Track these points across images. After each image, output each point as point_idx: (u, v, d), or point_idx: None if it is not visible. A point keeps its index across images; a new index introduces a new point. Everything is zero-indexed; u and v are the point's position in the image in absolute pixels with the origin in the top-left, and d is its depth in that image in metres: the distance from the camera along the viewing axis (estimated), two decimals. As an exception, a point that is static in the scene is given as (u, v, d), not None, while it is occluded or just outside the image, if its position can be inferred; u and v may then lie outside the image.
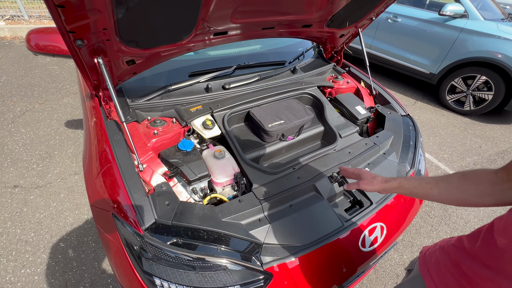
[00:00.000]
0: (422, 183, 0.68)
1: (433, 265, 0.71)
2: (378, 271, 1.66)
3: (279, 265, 0.87)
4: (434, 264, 0.71)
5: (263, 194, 1.01)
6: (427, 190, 0.67)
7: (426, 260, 0.75)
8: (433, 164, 2.62)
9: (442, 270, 0.67)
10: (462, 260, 0.62)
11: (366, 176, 0.82)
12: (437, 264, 0.70)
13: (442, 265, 0.68)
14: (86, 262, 1.59)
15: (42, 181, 2.08)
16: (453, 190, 0.62)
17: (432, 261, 0.72)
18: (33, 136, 2.55)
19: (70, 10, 0.68)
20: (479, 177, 0.59)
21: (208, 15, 0.95)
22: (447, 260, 0.67)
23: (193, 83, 1.36)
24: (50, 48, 1.46)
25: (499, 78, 3.03)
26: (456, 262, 0.63)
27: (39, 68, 3.86)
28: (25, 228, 1.75)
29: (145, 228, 0.83)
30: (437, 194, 0.65)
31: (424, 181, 0.69)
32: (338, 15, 1.34)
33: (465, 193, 0.61)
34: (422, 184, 0.68)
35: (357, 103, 1.57)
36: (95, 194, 0.98)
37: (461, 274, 0.61)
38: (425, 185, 0.67)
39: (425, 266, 0.74)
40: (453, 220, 2.03)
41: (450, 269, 0.65)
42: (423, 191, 0.68)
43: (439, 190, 0.65)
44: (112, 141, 1.02)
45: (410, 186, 0.71)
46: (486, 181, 0.58)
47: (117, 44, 0.90)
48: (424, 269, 0.73)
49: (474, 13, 3.19)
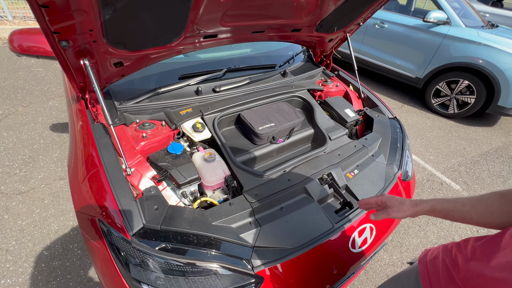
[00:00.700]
0: (458, 206, 0.63)
1: (431, 261, 0.72)
2: (369, 272, 1.68)
3: (270, 268, 0.87)
4: (432, 260, 0.72)
5: (254, 197, 1.01)
6: (464, 214, 0.62)
7: (427, 255, 0.76)
8: (420, 165, 2.69)
9: (438, 265, 0.69)
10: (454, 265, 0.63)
11: (393, 203, 0.74)
12: (435, 259, 0.71)
13: (440, 261, 0.69)
14: (71, 270, 1.53)
15: (25, 187, 2.00)
16: (495, 213, 0.58)
17: (431, 257, 0.73)
18: (15, 140, 2.46)
19: (54, 10, 0.66)
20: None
21: (198, 17, 0.95)
22: (447, 259, 0.67)
23: (183, 85, 1.35)
24: (34, 49, 1.42)
25: (480, 82, 3.16)
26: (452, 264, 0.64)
27: (23, 70, 3.74)
28: (6, 236, 1.67)
29: (133, 233, 0.80)
30: (476, 218, 0.60)
31: (459, 203, 0.63)
32: (327, 20, 1.36)
33: (509, 216, 0.56)
34: (458, 207, 0.63)
35: (346, 106, 1.59)
36: (81, 199, 0.95)
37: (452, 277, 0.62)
38: (461, 207, 0.62)
39: (424, 258, 0.76)
40: (440, 220, 2.08)
41: (445, 266, 0.66)
42: (459, 215, 0.63)
43: (477, 213, 0.60)
44: (98, 145, 0.99)
45: (444, 210, 0.65)
46: None
47: (104, 46, 0.89)
48: (422, 262, 0.75)
49: (456, 20, 3.32)
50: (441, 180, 2.52)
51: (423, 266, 0.74)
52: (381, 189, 1.19)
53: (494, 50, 3.01)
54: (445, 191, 2.38)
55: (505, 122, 3.72)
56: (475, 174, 2.64)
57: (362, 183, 1.19)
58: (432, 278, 0.69)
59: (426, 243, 1.89)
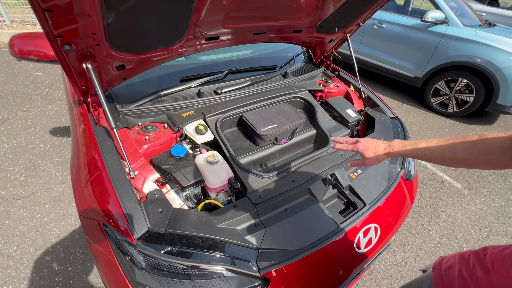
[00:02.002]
0: (427, 153, 0.69)
1: (446, 270, 0.71)
2: (372, 272, 1.68)
3: (276, 270, 0.86)
4: (447, 269, 0.71)
5: (258, 199, 1.00)
6: (431, 159, 0.69)
7: (442, 263, 0.75)
8: (421, 164, 2.69)
9: (454, 275, 0.67)
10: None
11: (368, 155, 0.81)
12: (451, 269, 0.70)
13: (456, 271, 0.68)
14: (73, 275, 1.52)
15: (26, 192, 1.99)
16: (459, 160, 0.64)
17: (446, 266, 0.72)
18: (15, 145, 2.45)
19: (58, 14, 0.66)
20: (490, 148, 0.59)
21: (200, 20, 0.95)
22: (464, 270, 0.66)
23: (185, 88, 1.35)
24: (34, 53, 1.42)
25: (479, 81, 3.17)
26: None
27: (22, 74, 3.73)
28: (7, 241, 1.66)
29: (138, 237, 0.80)
30: (441, 162, 0.68)
31: (429, 151, 0.69)
32: (327, 21, 1.37)
33: (470, 161, 0.62)
34: (427, 154, 0.69)
35: (347, 106, 1.59)
36: (84, 203, 0.95)
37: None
38: (430, 154, 0.69)
39: (438, 266, 0.75)
40: (442, 219, 2.08)
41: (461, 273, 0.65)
42: (427, 160, 0.70)
43: (443, 160, 0.67)
44: (101, 148, 0.99)
45: (414, 155, 0.73)
46: (496, 150, 0.58)
47: (106, 49, 0.89)
48: (437, 270, 0.74)
49: (454, 20, 3.34)
50: (442, 179, 2.52)
51: (437, 274, 0.72)
52: (385, 189, 1.19)
53: (492, 48, 3.03)
54: (446, 190, 2.39)
55: (504, 120, 3.73)
56: (476, 173, 2.64)
57: (366, 183, 1.19)
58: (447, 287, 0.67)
59: (429, 242, 1.89)
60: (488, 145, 0.59)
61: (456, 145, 0.64)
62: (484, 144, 0.60)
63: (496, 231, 2.03)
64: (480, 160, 0.61)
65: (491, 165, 0.60)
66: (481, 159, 0.60)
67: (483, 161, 0.61)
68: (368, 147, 0.82)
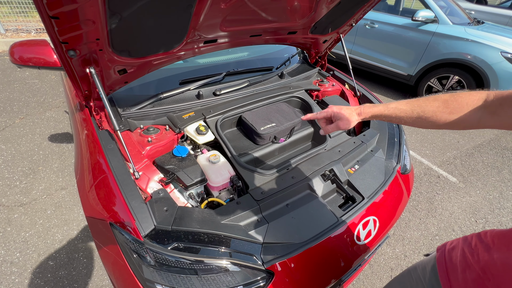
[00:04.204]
0: (396, 111, 0.71)
1: (450, 250, 0.72)
2: (373, 266, 1.71)
3: (280, 263, 0.89)
4: (451, 249, 0.72)
5: (260, 195, 1.03)
6: (400, 120, 0.71)
7: (446, 244, 0.76)
8: (416, 160, 2.75)
9: (456, 254, 0.69)
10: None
11: (342, 117, 0.81)
12: (455, 249, 0.71)
13: (459, 250, 0.69)
14: (78, 279, 1.53)
15: (27, 198, 1.99)
16: (428, 118, 0.64)
17: (450, 247, 0.73)
18: (14, 153, 2.45)
19: (64, 21, 0.69)
20: (461, 108, 0.59)
21: (199, 24, 0.98)
22: (466, 248, 0.68)
23: (184, 90, 1.38)
24: (35, 60, 1.43)
25: (470, 77, 3.25)
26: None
27: (18, 82, 3.73)
28: (10, 248, 1.66)
29: (145, 234, 0.82)
30: (411, 122, 0.69)
31: (399, 110, 0.70)
32: (321, 22, 1.41)
33: (439, 121, 0.63)
34: (397, 111, 0.71)
35: (343, 104, 1.63)
36: (91, 205, 0.97)
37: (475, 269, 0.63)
38: (400, 112, 0.70)
39: (443, 247, 0.76)
40: (439, 212, 2.13)
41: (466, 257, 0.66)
42: (397, 120, 0.72)
43: (413, 118, 0.68)
44: (106, 151, 1.01)
45: (384, 115, 0.74)
46: (467, 109, 0.58)
47: (109, 54, 0.92)
48: (441, 250, 0.75)
49: (443, 18, 3.43)
50: (438, 173, 2.57)
51: (441, 254, 0.74)
52: (382, 182, 1.23)
53: (482, 45, 3.11)
54: (442, 184, 2.44)
55: (496, 115, 3.81)
56: (470, 166, 2.70)
57: (363, 178, 1.22)
58: (449, 266, 0.69)
59: (427, 235, 1.93)
60: (460, 103, 0.60)
61: (426, 103, 0.65)
62: (456, 103, 0.60)
63: (492, 222, 2.08)
64: (450, 119, 0.61)
65: (460, 124, 0.61)
66: (451, 117, 0.61)
67: (453, 120, 0.61)
68: (340, 109, 0.82)
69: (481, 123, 0.58)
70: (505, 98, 0.55)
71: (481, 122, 0.58)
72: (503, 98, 0.55)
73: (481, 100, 0.58)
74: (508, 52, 3.00)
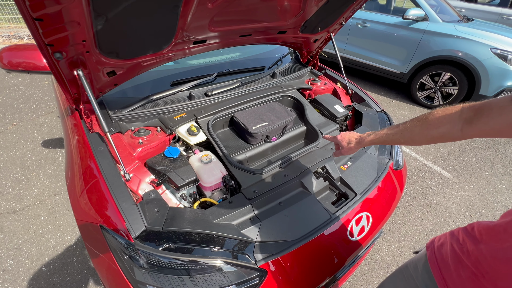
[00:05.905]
0: (390, 136, 0.81)
1: (439, 247, 0.74)
2: (370, 263, 1.71)
3: (273, 261, 0.89)
4: (440, 246, 0.74)
5: (252, 194, 1.03)
6: (395, 141, 0.80)
7: (434, 241, 0.78)
8: (411, 156, 2.77)
9: (446, 251, 0.70)
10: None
11: (343, 145, 0.99)
12: (443, 245, 0.72)
13: (448, 247, 0.70)
14: (72, 285, 1.51)
15: (19, 205, 1.97)
16: (415, 137, 0.73)
17: (439, 244, 0.75)
18: (6, 159, 2.42)
19: (48, 23, 0.69)
20: (440, 122, 0.65)
21: (187, 24, 0.99)
22: (455, 244, 0.69)
23: (176, 91, 1.37)
24: (24, 64, 1.42)
25: (461, 73, 3.29)
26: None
27: (10, 88, 3.70)
28: (2, 255, 1.63)
29: (136, 236, 0.82)
30: (404, 142, 0.77)
31: (391, 134, 0.80)
32: (311, 21, 1.42)
33: (426, 138, 0.70)
34: (390, 137, 0.81)
35: (335, 102, 1.65)
36: (82, 209, 0.96)
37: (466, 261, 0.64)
38: (392, 137, 0.80)
39: (431, 244, 0.77)
40: (434, 208, 2.14)
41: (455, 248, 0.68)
42: (393, 142, 0.82)
43: (404, 139, 0.76)
44: (96, 153, 1.01)
45: (380, 141, 0.85)
46: (446, 123, 0.64)
47: (97, 56, 0.91)
48: (430, 248, 0.77)
49: (433, 16, 3.48)
50: (432, 169, 2.59)
51: (431, 252, 0.74)
52: (375, 179, 1.23)
53: (472, 42, 3.16)
54: (436, 179, 2.46)
55: (488, 110, 3.85)
56: (464, 161, 2.73)
57: (356, 174, 1.23)
58: (441, 264, 0.70)
59: (422, 231, 1.94)
60: (439, 118, 0.66)
61: (412, 125, 0.73)
62: (435, 118, 0.67)
63: (486, 216, 2.09)
64: (435, 134, 0.67)
65: (447, 137, 0.65)
66: (436, 132, 0.66)
67: (438, 135, 0.66)
68: (343, 138, 0.99)
69: (464, 133, 0.62)
70: (477, 108, 0.60)
71: (463, 132, 0.62)
72: (476, 109, 0.60)
73: (458, 112, 0.63)
74: (498, 48, 3.05)
